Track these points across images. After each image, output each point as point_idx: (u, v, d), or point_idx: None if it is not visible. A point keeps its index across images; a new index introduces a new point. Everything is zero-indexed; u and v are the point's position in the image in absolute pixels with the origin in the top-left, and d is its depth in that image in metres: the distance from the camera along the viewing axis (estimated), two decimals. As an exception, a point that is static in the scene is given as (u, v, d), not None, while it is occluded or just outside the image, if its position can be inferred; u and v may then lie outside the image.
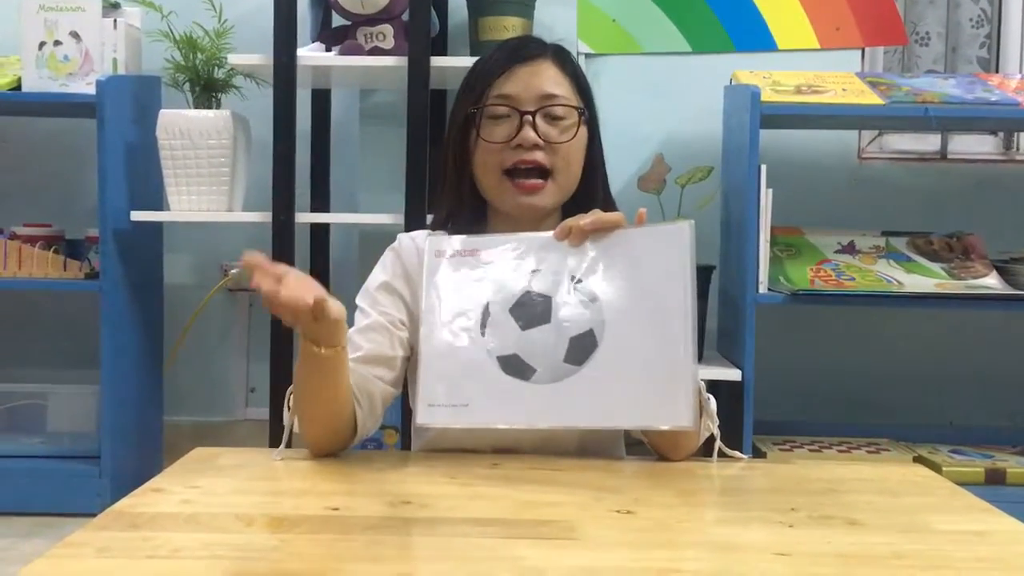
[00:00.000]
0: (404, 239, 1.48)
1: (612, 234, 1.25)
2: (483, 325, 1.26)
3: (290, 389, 1.35)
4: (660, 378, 1.19)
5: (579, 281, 1.24)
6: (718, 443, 1.35)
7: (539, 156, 1.38)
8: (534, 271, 1.27)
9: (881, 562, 0.94)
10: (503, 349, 1.25)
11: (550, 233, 1.27)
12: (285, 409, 1.34)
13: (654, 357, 1.20)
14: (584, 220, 1.24)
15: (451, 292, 1.29)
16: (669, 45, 2.93)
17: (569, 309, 1.24)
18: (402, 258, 1.45)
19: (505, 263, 1.28)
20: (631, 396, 1.20)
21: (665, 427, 1.22)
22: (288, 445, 1.31)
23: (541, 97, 1.39)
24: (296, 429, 1.32)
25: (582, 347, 1.22)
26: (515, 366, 1.23)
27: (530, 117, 1.38)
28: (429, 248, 1.31)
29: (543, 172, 1.40)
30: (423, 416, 1.26)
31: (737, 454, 1.36)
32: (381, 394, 1.37)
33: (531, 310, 1.25)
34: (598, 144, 1.47)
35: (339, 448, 1.33)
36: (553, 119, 1.40)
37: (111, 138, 2.63)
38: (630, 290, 1.23)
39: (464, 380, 1.25)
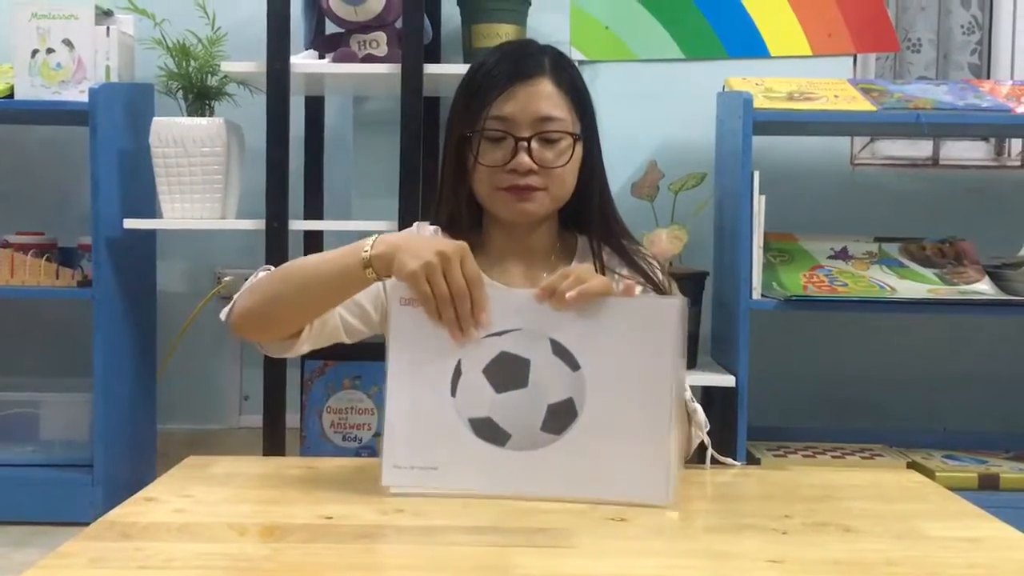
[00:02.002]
0: (423, 227, 1.50)
1: (598, 301, 1.18)
2: (454, 384, 1.19)
3: (260, 271, 1.36)
4: (639, 454, 1.15)
5: (559, 346, 1.18)
6: (710, 450, 1.35)
7: (533, 180, 1.39)
8: (511, 330, 1.19)
9: (875, 569, 0.94)
10: (475, 411, 1.18)
11: (531, 291, 1.20)
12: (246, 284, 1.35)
13: (635, 433, 1.16)
14: (569, 292, 1.17)
15: (420, 346, 1.20)
16: (662, 52, 2.94)
17: (548, 375, 1.18)
18: None
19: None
20: (609, 469, 1.16)
21: (640, 503, 1.15)
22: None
23: (537, 121, 1.39)
24: (243, 303, 1.32)
25: (560, 416, 1.17)
26: (488, 430, 1.18)
27: (525, 144, 1.38)
28: (393, 294, 1.21)
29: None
30: (388, 478, 1.18)
31: (730, 461, 1.37)
32: (332, 327, 1.38)
33: (506, 372, 1.18)
34: (597, 152, 1.47)
35: (263, 341, 1.35)
36: (549, 142, 1.40)
37: (104, 146, 2.62)
38: (613, 362, 1.17)
39: (433, 442, 1.18)
